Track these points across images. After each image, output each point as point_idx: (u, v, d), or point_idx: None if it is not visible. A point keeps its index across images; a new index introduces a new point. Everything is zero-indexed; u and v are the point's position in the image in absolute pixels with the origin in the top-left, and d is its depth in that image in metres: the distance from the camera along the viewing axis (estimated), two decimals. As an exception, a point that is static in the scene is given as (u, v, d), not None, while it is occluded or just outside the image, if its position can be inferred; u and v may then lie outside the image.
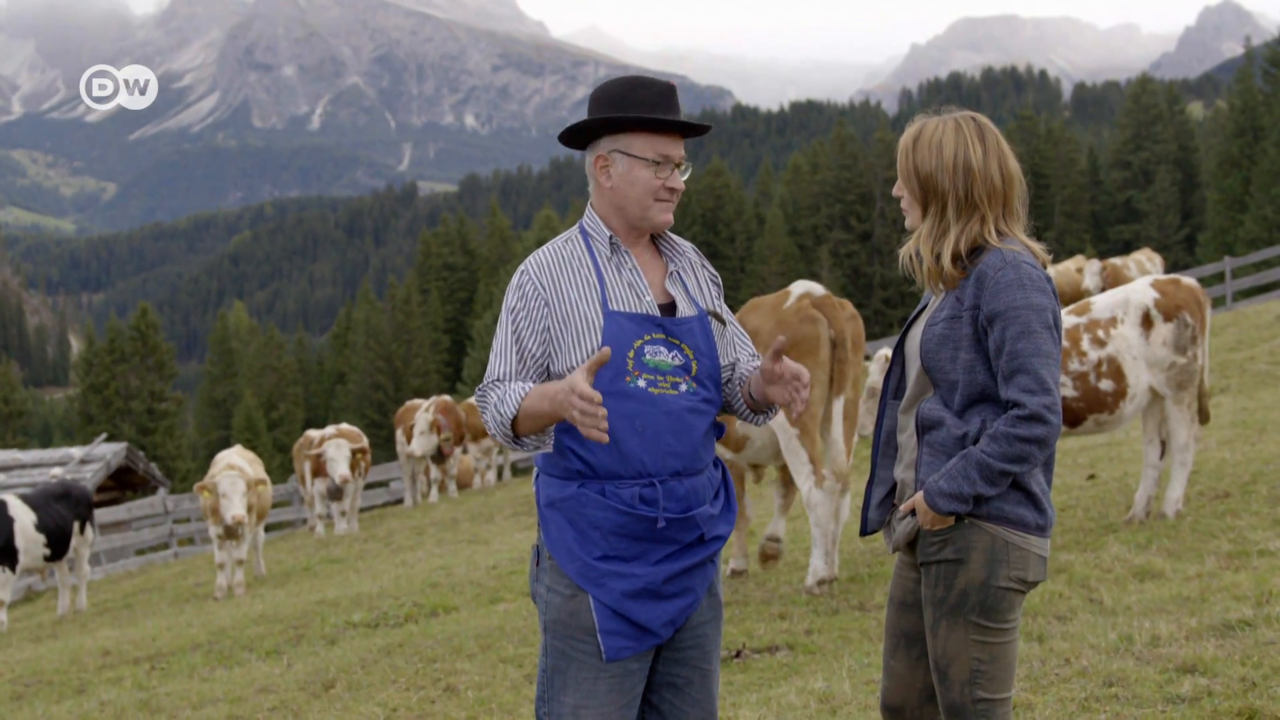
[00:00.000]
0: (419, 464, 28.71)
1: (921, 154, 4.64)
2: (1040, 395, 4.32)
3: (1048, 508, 4.52)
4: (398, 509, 29.36)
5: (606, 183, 4.76)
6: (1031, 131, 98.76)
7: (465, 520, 23.23)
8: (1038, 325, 4.37)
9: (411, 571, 16.63)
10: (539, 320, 4.63)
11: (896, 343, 4.84)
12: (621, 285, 4.69)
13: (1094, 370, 11.04)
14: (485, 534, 20.48)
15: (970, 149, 4.58)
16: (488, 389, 4.65)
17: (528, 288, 4.67)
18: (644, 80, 4.80)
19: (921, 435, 4.58)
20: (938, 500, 4.42)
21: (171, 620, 16.33)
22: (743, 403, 4.96)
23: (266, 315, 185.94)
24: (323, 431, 25.87)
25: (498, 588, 13.43)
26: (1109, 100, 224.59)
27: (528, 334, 4.63)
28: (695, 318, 4.76)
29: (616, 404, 4.54)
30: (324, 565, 20.21)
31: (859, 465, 18.06)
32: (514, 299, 4.69)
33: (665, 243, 4.92)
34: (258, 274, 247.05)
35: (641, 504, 4.57)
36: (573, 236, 4.82)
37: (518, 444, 4.63)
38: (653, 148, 4.72)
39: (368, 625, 12.55)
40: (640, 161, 4.72)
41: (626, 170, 4.73)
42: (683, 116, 4.82)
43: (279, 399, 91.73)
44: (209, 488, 18.23)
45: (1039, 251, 4.60)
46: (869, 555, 11.65)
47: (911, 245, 4.70)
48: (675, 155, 4.75)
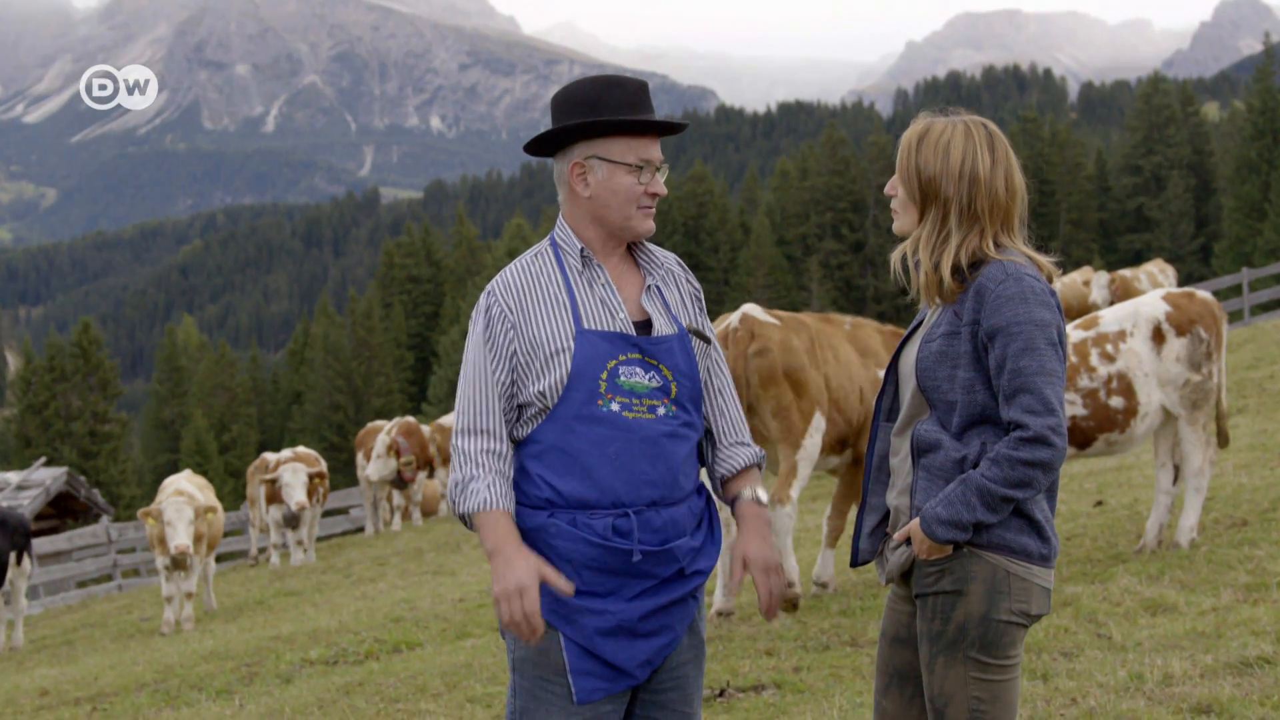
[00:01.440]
0: (381, 490, 28.67)
1: (926, 154, 4.63)
2: (1044, 416, 4.31)
3: (1051, 536, 4.52)
4: (358, 538, 29.31)
5: (584, 192, 4.74)
6: (1035, 134, 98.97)
7: (430, 550, 23.19)
8: (1041, 341, 4.36)
9: (373, 605, 16.60)
10: (505, 346, 4.63)
11: (890, 361, 4.83)
12: (594, 302, 4.67)
13: (1104, 386, 11.02)
14: (452, 564, 20.44)
15: (979, 157, 4.58)
16: (461, 444, 4.64)
17: (494, 310, 4.66)
18: (616, 79, 4.79)
19: (917, 459, 4.57)
20: (934, 528, 4.41)
21: (115, 658, 16.27)
22: (717, 479, 5.01)
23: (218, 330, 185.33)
24: (278, 455, 25.83)
25: (465, 622, 13.40)
26: (1118, 101, 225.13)
27: (496, 360, 4.63)
28: (675, 336, 4.74)
29: (588, 429, 4.54)
30: (279, 598, 20.16)
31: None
32: (483, 323, 4.68)
33: (643, 254, 4.90)
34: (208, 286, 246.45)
35: (615, 536, 4.55)
36: (543, 250, 4.81)
37: (466, 525, 4.66)
38: (633, 151, 4.71)
39: (325, 663, 12.51)
40: (621, 167, 4.70)
41: (606, 177, 4.71)
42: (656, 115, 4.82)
43: (231, 420, 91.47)
44: (154, 515, 18.16)
45: (1045, 264, 4.59)
46: (861, 587, 11.65)
47: (909, 250, 4.69)
48: (655, 157, 4.75)
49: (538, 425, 4.64)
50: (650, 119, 4.73)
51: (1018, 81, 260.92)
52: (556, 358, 4.57)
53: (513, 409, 4.65)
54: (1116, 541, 11.90)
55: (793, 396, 11.17)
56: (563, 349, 4.58)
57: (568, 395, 4.56)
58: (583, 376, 4.56)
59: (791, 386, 11.16)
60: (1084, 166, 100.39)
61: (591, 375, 4.56)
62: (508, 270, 4.77)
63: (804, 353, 11.29)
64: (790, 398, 11.18)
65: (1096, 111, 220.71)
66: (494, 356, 4.62)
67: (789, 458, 11.18)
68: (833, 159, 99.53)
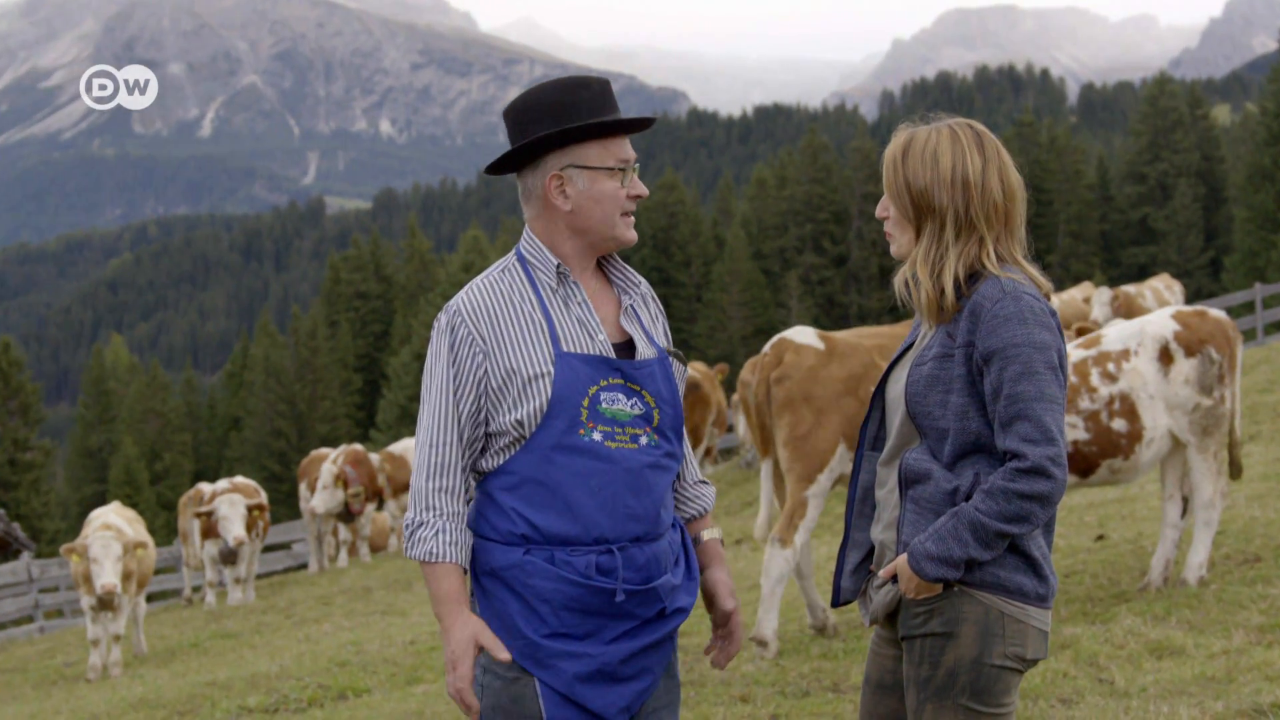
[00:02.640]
0: (326, 523, 28.58)
1: (913, 166, 4.62)
2: (1043, 445, 4.31)
3: (1049, 574, 4.52)
4: (301, 575, 29.23)
5: (565, 205, 4.73)
6: (1032, 139, 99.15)
7: (379, 588, 23.14)
8: (1040, 365, 4.36)
9: (317, 648, 16.55)
10: (473, 372, 4.61)
11: (876, 387, 4.83)
12: (571, 322, 4.67)
13: (1105, 408, 10.93)
14: (403, 604, 20.39)
15: (969, 159, 4.58)
16: (418, 487, 4.64)
17: (460, 333, 4.64)
18: (579, 80, 4.79)
19: (905, 490, 4.57)
20: (924, 565, 4.40)
21: (36, 706, 16.20)
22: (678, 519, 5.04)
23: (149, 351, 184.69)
24: (214, 486, 25.72)
25: (416, 666, 13.38)
26: (1121, 103, 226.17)
27: (463, 389, 4.62)
28: (655, 360, 4.75)
29: (569, 460, 4.54)
30: (215, 641, 20.09)
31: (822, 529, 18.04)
32: (447, 344, 4.66)
33: (617, 271, 4.91)
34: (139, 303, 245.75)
35: (598, 574, 4.56)
36: (510, 266, 4.79)
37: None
38: (611, 154, 4.73)
39: (265, 710, 12.47)
40: (602, 172, 4.71)
41: (588, 185, 4.71)
42: None
43: (164, 448, 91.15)
44: (79, 551, 18.07)
45: (1041, 281, 4.59)
46: (844, 628, 11.65)
47: (908, 270, 4.68)
48: (631, 157, 4.78)
49: (512, 455, 4.63)
50: (628, 117, 4.74)
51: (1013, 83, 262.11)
52: (535, 383, 4.56)
53: (479, 438, 4.65)
54: (1119, 579, 11.89)
55: (810, 427, 11.14)
56: (541, 374, 4.57)
57: (547, 424, 4.56)
58: (564, 403, 4.56)
59: (812, 416, 11.15)
60: (1084, 174, 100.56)
61: (573, 402, 4.56)
62: (473, 288, 4.75)
63: (839, 382, 11.23)
64: (807, 429, 11.16)
65: (1098, 115, 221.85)
66: (459, 384, 4.60)
67: (797, 493, 11.13)
68: (813, 166, 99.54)
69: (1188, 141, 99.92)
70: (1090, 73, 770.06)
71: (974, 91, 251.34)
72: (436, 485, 4.60)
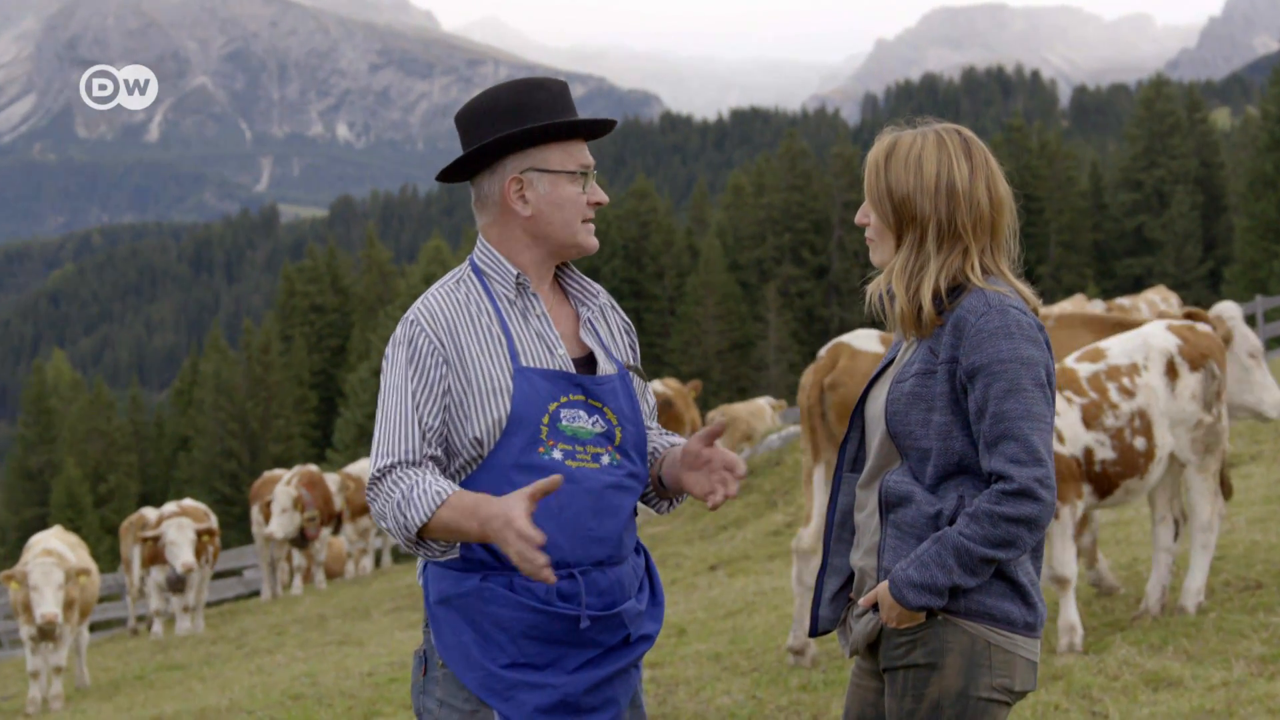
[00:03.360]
0: (279, 548, 28.51)
1: (896, 172, 4.63)
2: (1030, 466, 4.32)
3: (1038, 602, 4.53)
4: (253, 603, 29.17)
5: (524, 210, 4.74)
6: (1022, 145, 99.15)
7: (335, 617, 23.11)
8: (1028, 382, 4.37)
9: (269, 680, 16.52)
10: (437, 383, 4.60)
11: (855, 405, 4.83)
12: (529, 335, 4.68)
13: (1128, 425, 10.79)
14: (359, 634, 20.37)
15: (955, 166, 4.59)
16: (385, 478, 4.55)
17: (420, 342, 4.62)
18: (534, 81, 4.81)
19: (885, 514, 4.57)
20: (906, 592, 4.40)
21: (-28, 742, 16.14)
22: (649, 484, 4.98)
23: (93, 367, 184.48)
24: (161, 509, 25.63)
25: (374, 699, 13.36)
26: (1115, 106, 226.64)
27: (426, 401, 4.59)
28: (616, 376, 4.77)
29: (528, 480, 4.50)
30: (162, 673, 20.04)
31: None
32: (406, 357, 4.63)
33: (574, 282, 4.93)
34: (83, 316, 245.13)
35: (559, 600, 4.56)
36: (465, 277, 4.80)
37: (421, 549, 4.53)
38: (572, 158, 4.75)
39: (215, 747, 12.44)
40: (563, 176, 4.73)
41: (550, 190, 4.73)
42: None
43: (108, 469, 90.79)
44: (18, 578, 18.00)
45: (1029, 295, 4.60)
46: (824, 659, 11.65)
47: (883, 281, 4.68)
48: (591, 162, 4.80)
49: (469, 476, 4.64)
50: (592, 118, 4.77)
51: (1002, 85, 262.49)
52: (493, 399, 4.57)
53: (443, 455, 4.63)
54: (1113, 606, 11.87)
55: None
56: (499, 389, 4.58)
57: (505, 441, 4.56)
58: (523, 420, 4.56)
59: None
60: (1077, 181, 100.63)
61: (532, 419, 4.57)
62: (430, 296, 4.75)
63: None
64: None
65: (1091, 119, 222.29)
66: (424, 394, 4.59)
67: None
68: (792, 173, 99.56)
69: (1185, 147, 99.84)
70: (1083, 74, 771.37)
71: (961, 94, 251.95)
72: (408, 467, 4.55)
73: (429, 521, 4.42)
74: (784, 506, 22.07)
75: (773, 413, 31.42)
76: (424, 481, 4.45)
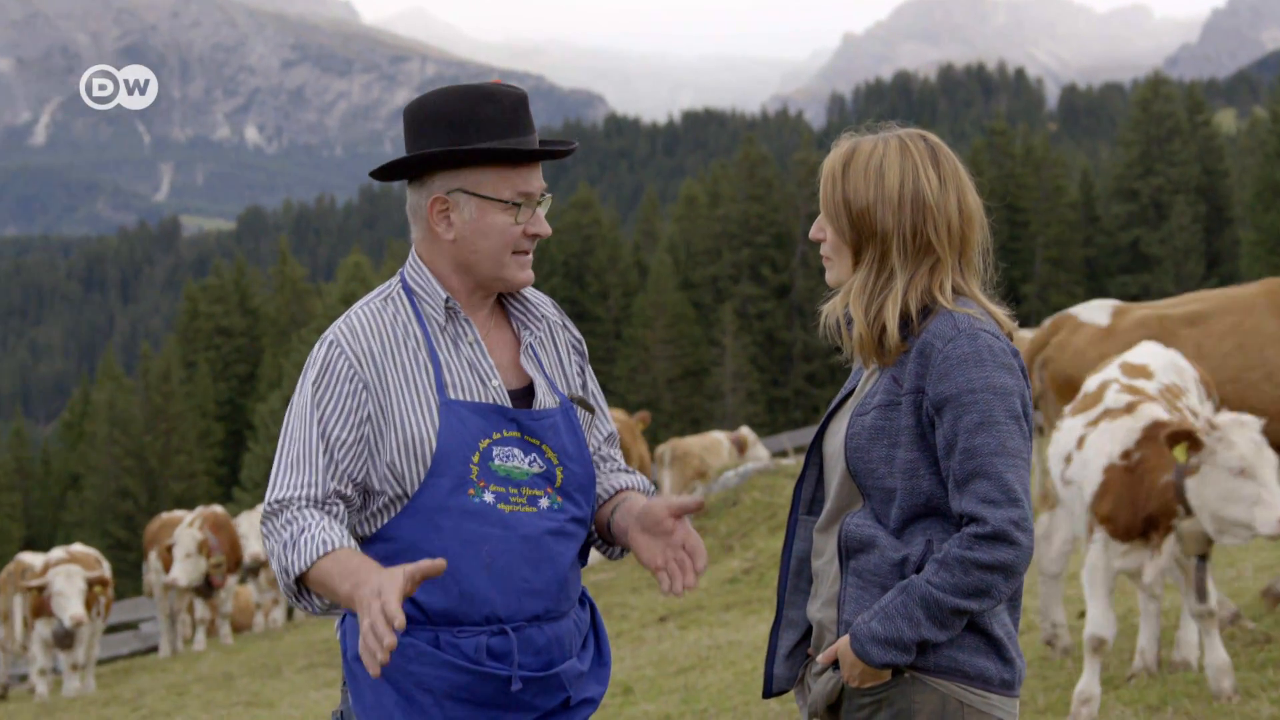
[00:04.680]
0: (180, 599, 28.40)
1: (855, 182, 4.60)
2: (1005, 507, 4.30)
3: (1015, 656, 4.52)
4: (150, 660, 29.06)
5: (447, 233, 4.71)
6: (1005, 150, 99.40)
7: (243, 675, 23.04)
8: (1001, 414, 4.35)
9: (168, 746, 16.49)
10: (354, 411, 4.57)
11: (812, 440, 4.80)
12: (460, 364, 4.65)
13: None
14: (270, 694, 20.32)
15: (921, 175, 4.56)
16: (280, 514, 4.53)
17: (338, 364, 4.60)
18: (487, 91, 4.74)
19: (846, 561, 4.55)
20: (869, 648, 4.38)
21: None
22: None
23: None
24: (47, 556, 25.51)
25: (285, 767, 13.35)
26: (1109, 108, 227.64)
27: (338, 430, 4.56)
28: (558, 409, 4.74)
29: (456, 525, 4.52)
30: (48, 739, 19.98)
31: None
32: (318, 379, 4.61)
33: (517, 304, 4.90)
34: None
35: (489, 659, 4.55)
36: (394, 294, 4.77)
37: (302, 601, 4.51)
38: (509, 184, 4.68)
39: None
40: (494, 204, 4.68)
41: (476, 217, 4.68)
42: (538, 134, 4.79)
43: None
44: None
45: (1002, 317, 4.59)
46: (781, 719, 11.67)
47: (839, 304, 4.66)
48: (536, 189, 4.74)
49: (391, 518, 4.62)
50: (530, 147, 4.69)
51: (982, 84, 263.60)
52: (416, 434, 4.54)
53: (355, 494, 4.61)
54: (1107, 662, 11.82)
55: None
56: (424, 423, 4.55)
57: (431, 482, 4.53)
58: (450, 459, 4.53)
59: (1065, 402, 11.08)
60: (1066, 190, 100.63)
61: (461, 458, 4.54)
62: (352, 315, 4.72)
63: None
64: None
65: (1081, 121, 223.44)
66: (337, 423, 4.55)
67: None
68: (751, 181, 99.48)
69: (1186, 152, 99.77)
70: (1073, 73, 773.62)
71: (937, 94, 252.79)
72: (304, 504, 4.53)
73: (308, 571, 4.40)
74: (741, 551, 22.05)
75: (730, 447, 31.34)
76: (315, 526, 4.43)
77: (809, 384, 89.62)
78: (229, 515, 28.52)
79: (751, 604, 17.96)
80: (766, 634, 4.76)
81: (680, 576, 4.59)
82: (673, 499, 4.67)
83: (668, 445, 31.42)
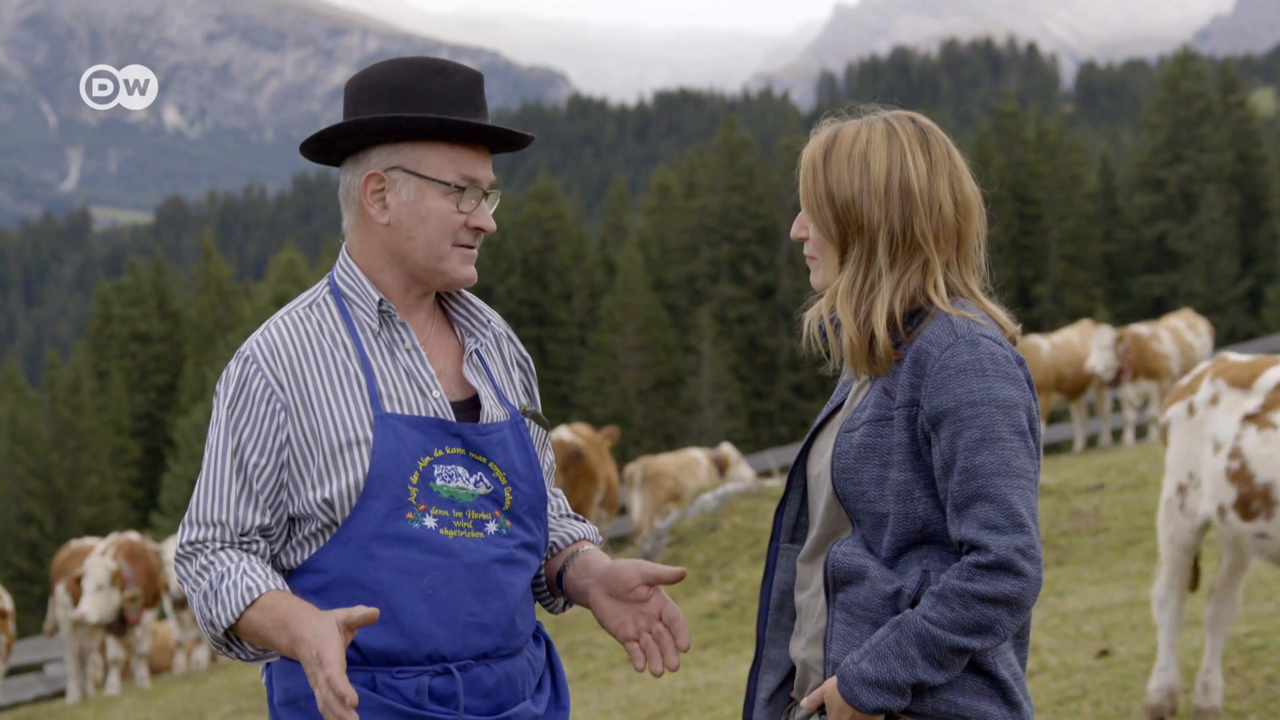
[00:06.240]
0: (90, 636, 28.34)
1: (838, 171, 4.58)
2: (1010, 534, 4.28)
3: (1023, 700, 4.51)
4: (58, 706, 29.02)
5: (381, 216, 4.69)
6: (1015, 135, 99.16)
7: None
8: (1005, 429, 4.33)
9: (77, 803, 16.48)
10: (273, 434, 4.56)
11: (795, 460, 4.78)
12: (396, 374, 4.64)
13: None
14: (191, 744, 20.32)
15: (910, 162, 4.55)
16: (195, 558, 4.53)
17: (255, 384, 4.59)
18: (437, 64, 4.74)
19: (833, 594, 4.53)
20: (859, 691, 4.36)
21: None
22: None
23: None
24: (-58, 589, 25.51)
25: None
26: (1131, 87, 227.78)
27: (256, 456, 4.55)
28: (507, 423, 4.73)
29: (394, 554, 4.51)
30: (-58, 795, 19.95)
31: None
32: (233, 402, 4.59)
33: (460, 308, 4.88)
34: None
35: (432, 702, 4.54)
36: (320, 300, 4.76)
37: (233, 652, 4.53)
38: (454, 166, 4.68)
39: None
40: (435, 186, 4.66)
41: (414, 198, 4.66)
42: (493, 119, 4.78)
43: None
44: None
45: (1004, 320, 4.58)
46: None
47: (824, 307, 4.65)
48: (485, 178, 4.73)
49: (320, 547, 4.60)
50: (482, 122, 4.70)
51: (990, 60, 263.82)
52: (347, 453, 4.53)
53: (277, 524, 4.60)
54: (1130, 707, 11.83)
55: None
56: (356, 440, 4.53)
57: (365, 506, 4.52)
58: (386, 480, 4.52)
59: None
60: (1083, 180, 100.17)
61: (398, 478, 4.52)
62: (271, 327, 4.70)
63: None
64: None
65: (1100, 103, 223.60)
66: (254, 449, 4.54)
67: None
68: (731, 169, 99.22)
69: (1218, 137, 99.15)
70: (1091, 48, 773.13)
71: (939, 72, 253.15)
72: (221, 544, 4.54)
73: (237, 623, 4.42)
74: (720, 583, 22.00)
75: (709, 466, 31.26)
76: (235, 571, 4.44)
77: (796, 396, 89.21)
78: (146, 543, 28.40)
79: (731, 641, 17.94)
80: (741, 675, 4.77)
81: (658, 656, 4.65)
82: (645, 565, 4.68)
83: (638, 464, 31.24)
